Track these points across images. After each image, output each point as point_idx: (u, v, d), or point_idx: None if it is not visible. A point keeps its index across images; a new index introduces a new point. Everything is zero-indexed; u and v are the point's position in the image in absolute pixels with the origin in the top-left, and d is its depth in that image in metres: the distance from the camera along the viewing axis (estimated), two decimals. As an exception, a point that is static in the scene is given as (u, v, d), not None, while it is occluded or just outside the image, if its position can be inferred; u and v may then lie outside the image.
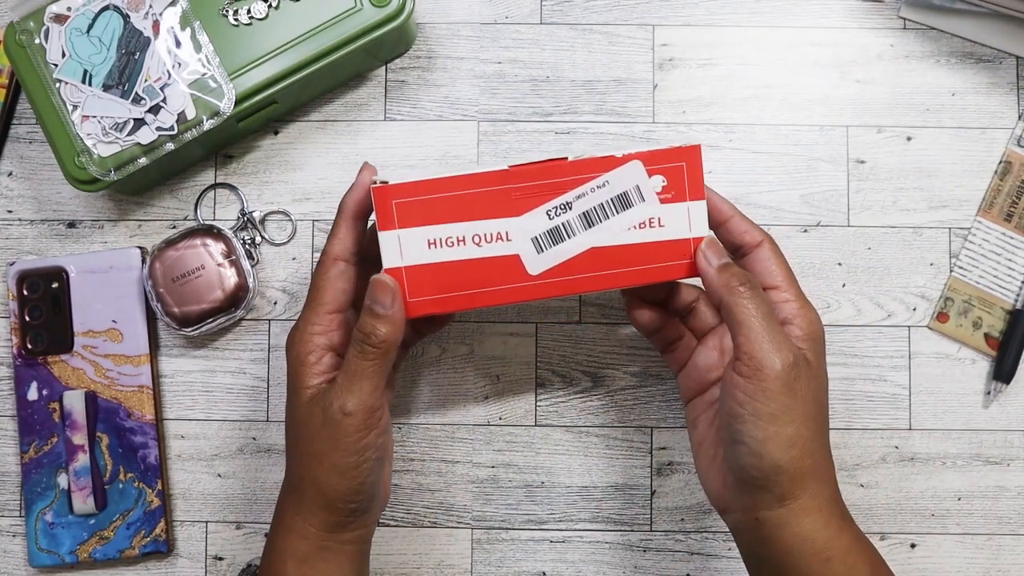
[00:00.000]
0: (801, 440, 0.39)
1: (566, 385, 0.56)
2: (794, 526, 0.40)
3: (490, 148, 0.56)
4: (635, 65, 0.57)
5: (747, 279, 0.40)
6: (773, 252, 0.43)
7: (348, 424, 0.40)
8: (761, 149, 0.56)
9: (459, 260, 0.41)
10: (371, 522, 0.44)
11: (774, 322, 0.40)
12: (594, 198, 0.41)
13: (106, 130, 0.51)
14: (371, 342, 0.40)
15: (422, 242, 0.41)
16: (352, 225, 0.43)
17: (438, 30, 0.57)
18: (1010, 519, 0.55)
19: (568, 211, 0.41)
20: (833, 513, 0.41)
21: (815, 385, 0.40)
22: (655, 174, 0.41)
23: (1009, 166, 0.56)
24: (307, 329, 0.42)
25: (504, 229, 0.41)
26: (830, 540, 0.40)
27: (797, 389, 0.39)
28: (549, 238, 0.41)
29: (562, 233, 0.41)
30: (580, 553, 0.55)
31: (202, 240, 0.53)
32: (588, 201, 0.41)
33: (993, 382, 0.55)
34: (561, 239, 0.41)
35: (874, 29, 0.57)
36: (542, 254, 0.41)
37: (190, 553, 0.55)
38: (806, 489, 0.40)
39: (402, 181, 0.40)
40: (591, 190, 0.41)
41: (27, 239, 0.57)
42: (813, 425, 0.40)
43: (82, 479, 0.53)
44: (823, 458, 0.41)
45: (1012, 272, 0.55)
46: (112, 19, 0.51)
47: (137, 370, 0.54)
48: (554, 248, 0.41)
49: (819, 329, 0.42)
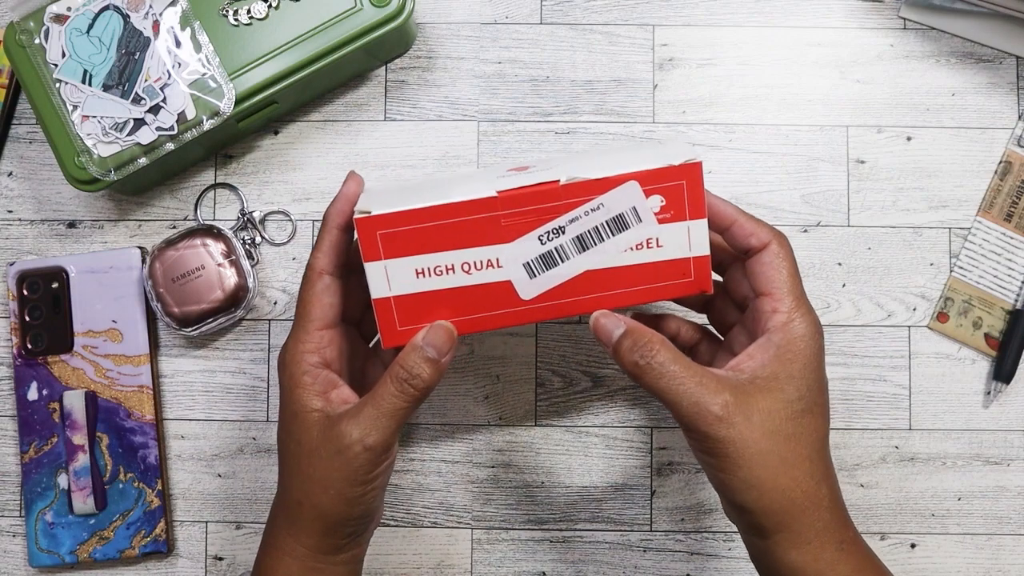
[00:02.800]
0: (768, 480, 0.37)
1: (566, 385, 0.56)
2: (782, 557, 0.38)
3: (490, 148, 0.56)
4: (635, 65, 0.57)
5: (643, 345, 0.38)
6: (776, 255, 0.41)
7: (365, 458, 0.38)
8: (761, 149, 0.56)
9: (449, 288, 0.39)
10: (365, 542, 0.44)
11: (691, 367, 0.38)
12: (588, 221, 0.39)
13: (106, 130, 0.51)
14: (415, 384, 0.38)
15: (410, 272, 0.39)
16: (337, 237, 0.41)
17: (438, 30, 0.57)
18: (1010, 519, 0.55)
19: (561, 235, 0.39)
20: (826, 545, 0.38)
21: (772, 405, 0.38)
22: (653, 194, 0.39)
23: (1009, 166, 0.56)
24: (298, 348, 0.41)
25: (494, 256, 0.39)
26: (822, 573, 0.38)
27: (748, 423, 0.37)
28: (542, 263, 0.39)
29: (555, 257, 0.39)
30: (580, 553, 0.55)
31: (202, 240, 0.53)
32: (582, 224, 0.39)
33: (993, 382, 0.55)
34: (554, 263, 0.39)
35: (874, 29, 0.57)
36: (535, 279, 0.39)
37: (190, 553, 0.55)
38: (790, 525, 0.38)
39: (386, 211, 0.38)
40: (585, 213, 0.39)
41: (27, 239, 0.57)
42: (778, 455, 0.38)
43: (82, 479, 0.53)
44: (808, 489, 0.38)
45: (1012, 272, 0.55)
46: (112, 19, 0.51)
47: (137, 370, 0.54)
48: (547, 273, 0.40)
49: (805, 340, 0.39)
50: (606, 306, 0.40)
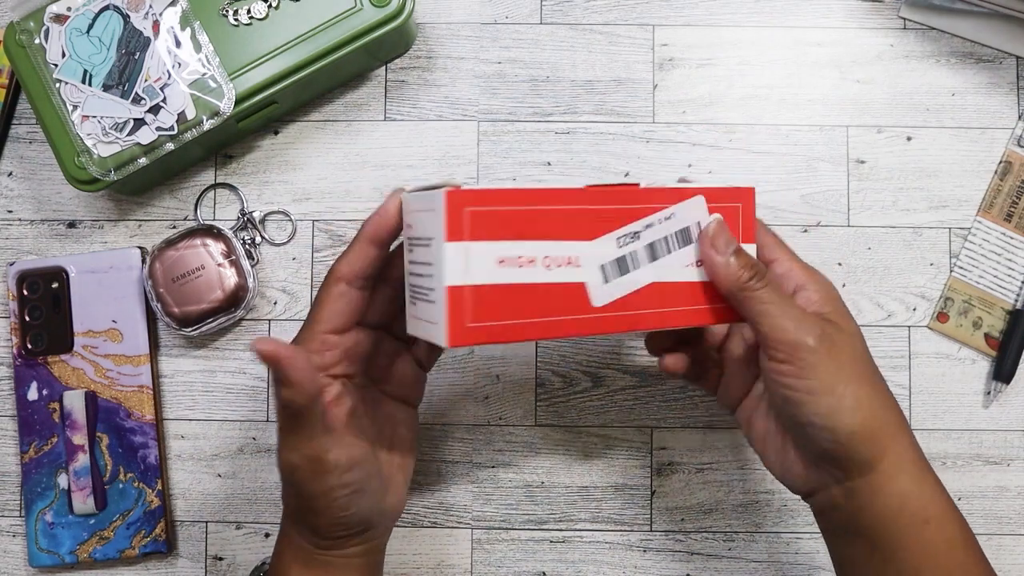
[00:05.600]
0: (864, 400, 0.39)
1: (566, 385, 0.56)
2: (889, 488, 0.39)
3: (490, 148, 0.56)
4: (635, 65, 0.57)
5: (753, 267, 0.40)
6: (761, 225, 0.43)
7: (298, 476, 0.39)
8: (761, 149, 0.56)
9: (527, 283, 0.36)
10: (373, 539, 0.43)
11: (789, 301, 0.40)
12: (661, 229, 0.39)
13: (106, 130, 0.51)
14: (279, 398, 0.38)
15: (492, 258, 0.36)
16: (367, 249, 0.41)
17: (438, 30, 0.57)
18: (1010, 519, 0.55)
19: (636, 240, 0.38)
20: (925, 471, 0.40)
21: (852, 343, 0.40)
22: (714, 211, 0.40)
23: (1009, 166, 0.56)
24: None
25: (575, 253, 0.37)
26: (927, 501, 0.39)
27: (837, 354, 0.39)
28: (616, 267, 0.38)
29: (628, 264, 0.39)
30: (580, 553, 0.55)
31: (202, 240, 0.53)
32: (655, 232, 0.39)
33: (993, 382, 0.55)
34: (627, 270, 0.39)
35: (874, 29, 0.57)
36: (607, 284, 0.38)
37: (190, 553, 0.55)
38: (888, 448, 0.39)
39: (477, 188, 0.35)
40: (659, 221, 0.39)
41: (27, 239, 0.57)
42: (868, 382, 0.40)
43: (82, 479, 0.53)
44: (892, 411, 0.40)
45: (1012, 272, 0.55)
46: (112, 19, 0.51)
47: (137, 370, 0.54)
48: (619, 279, 0.38)
49: (832, 288, 0.42)
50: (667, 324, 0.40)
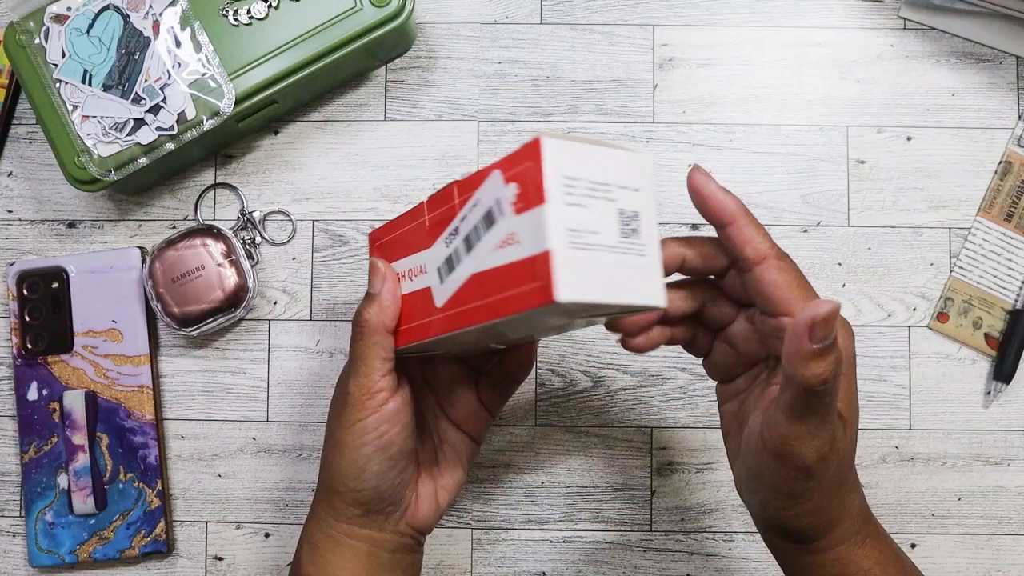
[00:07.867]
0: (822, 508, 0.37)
1: (566, 385, 0.56)
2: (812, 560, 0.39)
3: (490, 148, 0.56)
4: (635, 65, 0.57)
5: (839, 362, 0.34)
6: (780, 269, 0.36)
7: (348, 401, 0.41)
8: (761, 149, 0.56)
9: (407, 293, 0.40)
10: (386, 528, 0.43)
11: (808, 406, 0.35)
12: (471, 219, 0.35)
13: (106, 130, 0.51)
14: (357, 321, 0.40)
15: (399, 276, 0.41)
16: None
17: (438, 30, 0.57)
18: (1010, 519, 0.55)
19: (456, 236, 0.36)
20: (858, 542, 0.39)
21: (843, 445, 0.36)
22: (511, 181, 0.33)
23: (1009, 166, 0.56)
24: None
25: (422, 262, 0.39)
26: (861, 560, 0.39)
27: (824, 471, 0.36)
28: (447, 266, 0.37)
29: (453, 260, 0.37)
30: (580, 553, 0.55)
31: (202, 240, 0.53)
32: (467, 223, 0.36)
33: (993, 382, 0.55)
34: (453, 267, 0.37)
35: (874, 29, 0.57)
36: (443, 284, 0.37)
37: (190, 553, 0.55)
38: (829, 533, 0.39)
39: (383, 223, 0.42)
40: (469, 210, 0.35)
41: (27, 239, 0.57)
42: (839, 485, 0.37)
43: (82, 479, 0.53)
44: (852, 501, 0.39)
45: (1012, 272, 0.55)
46: (112, 19, 0.51)
47: (137, 370, 0.54)
48: (449, 276, 0.37)
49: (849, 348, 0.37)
50: (485, 317, 0.34)
